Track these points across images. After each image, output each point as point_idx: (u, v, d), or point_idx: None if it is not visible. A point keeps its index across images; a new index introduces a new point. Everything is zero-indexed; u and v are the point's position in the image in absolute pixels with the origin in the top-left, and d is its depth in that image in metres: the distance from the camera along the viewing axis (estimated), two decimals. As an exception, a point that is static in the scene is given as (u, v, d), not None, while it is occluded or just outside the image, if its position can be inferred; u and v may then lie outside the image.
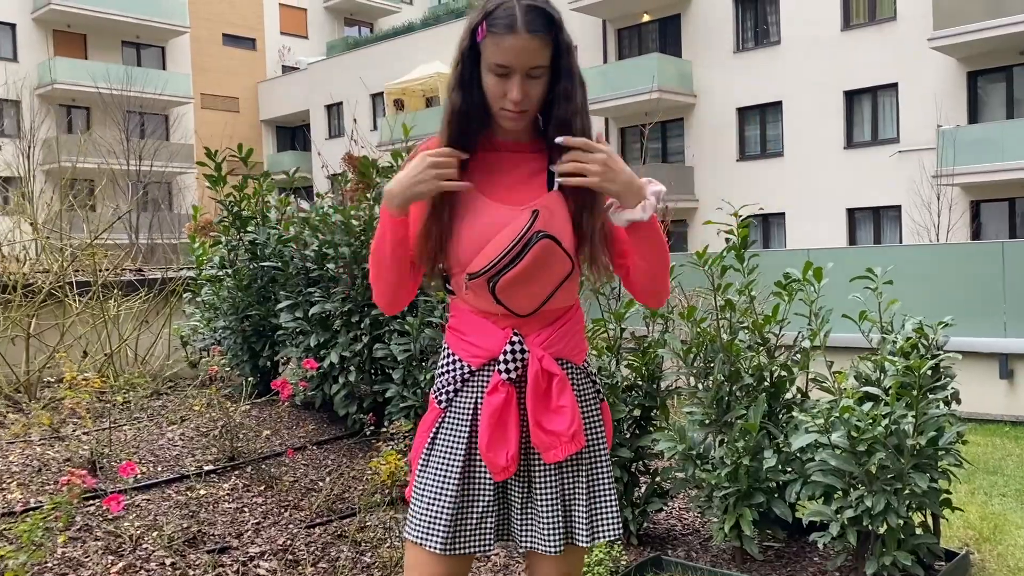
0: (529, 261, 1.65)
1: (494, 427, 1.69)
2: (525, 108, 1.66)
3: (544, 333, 1.74)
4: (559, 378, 1.70)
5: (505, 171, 1.76)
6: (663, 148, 23.83)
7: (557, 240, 1.67)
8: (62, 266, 5.23)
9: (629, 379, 3.61)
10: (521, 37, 1.60)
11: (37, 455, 3.74)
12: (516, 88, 1.62)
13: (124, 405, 4.76)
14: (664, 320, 3.65)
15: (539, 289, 1.69)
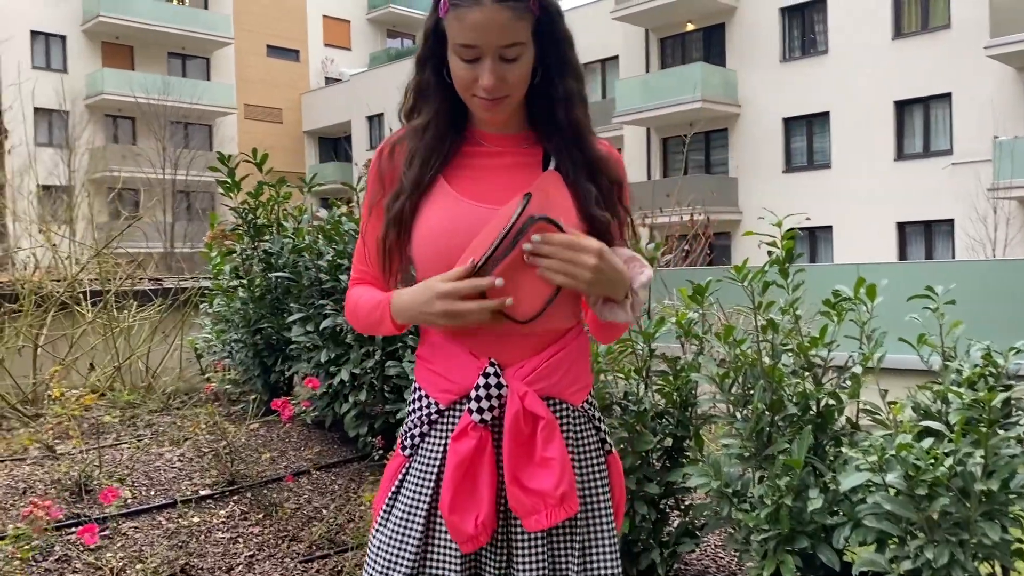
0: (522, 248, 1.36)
1: (460, 482, 1.36)
2: (500, 95, 1.38)
3: (530, 363, 1.41)
4: (545, 422, 1.37)
5: (488, 169, 1.47)
6: (706, 159, 23.38)
7: (557, 223, 1.37)
8: (72, 274, 5.05)
9: (659, 405, 3.28)
10: (487, 8, 1.32)
11: (25, 476, 3.53)
12: (487, 73, 1.35)
13: (130, 421, 4.55)
14: (699, 341, 3.32)
15: (539, 286, 1.39)
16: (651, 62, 24.11)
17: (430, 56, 1.44)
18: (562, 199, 1.43)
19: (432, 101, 1.45)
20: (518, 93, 1.41)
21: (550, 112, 1.46)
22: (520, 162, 1.48)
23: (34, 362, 4.84)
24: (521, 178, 1.45)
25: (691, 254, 12.31)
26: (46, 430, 3.71)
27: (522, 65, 1.38)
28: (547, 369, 1.42)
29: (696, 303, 3.31)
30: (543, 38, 1.41)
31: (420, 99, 1.47)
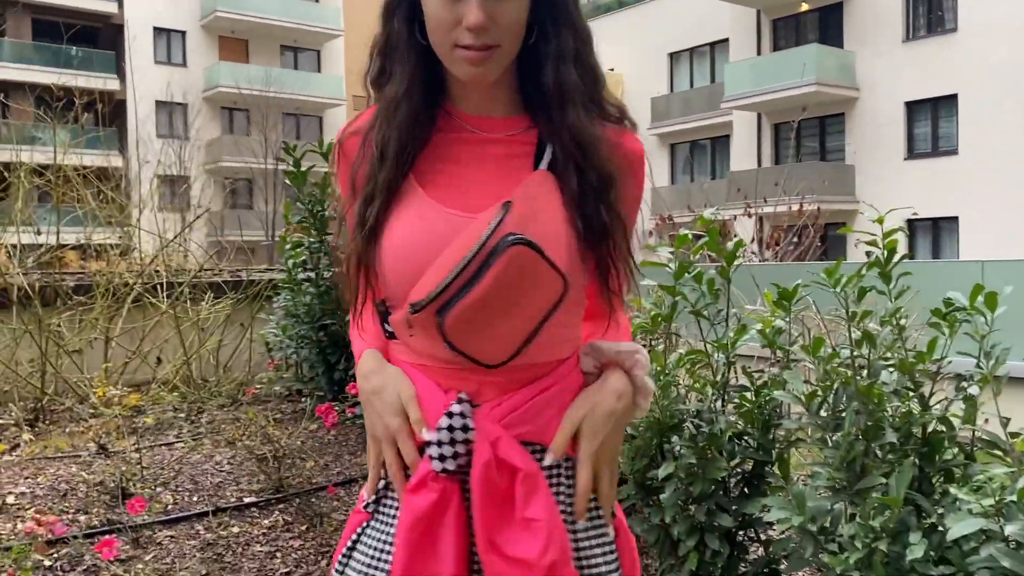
0: (493, 280, 1.05)
1: (416, 546, 1.09)
2: (490, 41, 1.07)
3: (510, 401, 1.12)
4: (524, 474, 1.08)
5: (469, 164, 1.16)
6: (821, 145, 22.25)
7: (537, 247, 1.06)
8: (144, 266, 5.01)
9: (737, 426, 2.90)
10: None
11: (70, 476, 3.44)
12: (474, 8, 1.04)
13: (196, 416, 4.46)
14: (784, 353, 2.91)
15: (513, 325, 1.08)
16: (763, 44, 23.09)
17: (399, 2, 1.15)
18: (549, 206, 1.11)
19: (404, 62, 1.15)
20: (509, 44, 1.10)
21: (541, 76, 1.14)
22: (509, 153, 1.17)
23: (105, 354, 4.82)
24: (510, 175, 1.15)
25: (800, 247, 11.61)
26: (101, 428, 3.63)
27: (516, 5, 1.08)
28: (532, 409, 1.13)
29: (782, 309, 2.90)
30: None
31: (388, 60, 1.17)
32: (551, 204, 1.11)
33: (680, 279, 2.88)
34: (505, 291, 1.06)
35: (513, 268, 1.05)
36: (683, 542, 2.83)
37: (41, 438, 4.14)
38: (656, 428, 2.87)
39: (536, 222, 1.08)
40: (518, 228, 1.06)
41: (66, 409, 4.48)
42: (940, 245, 19.98)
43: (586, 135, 1.13)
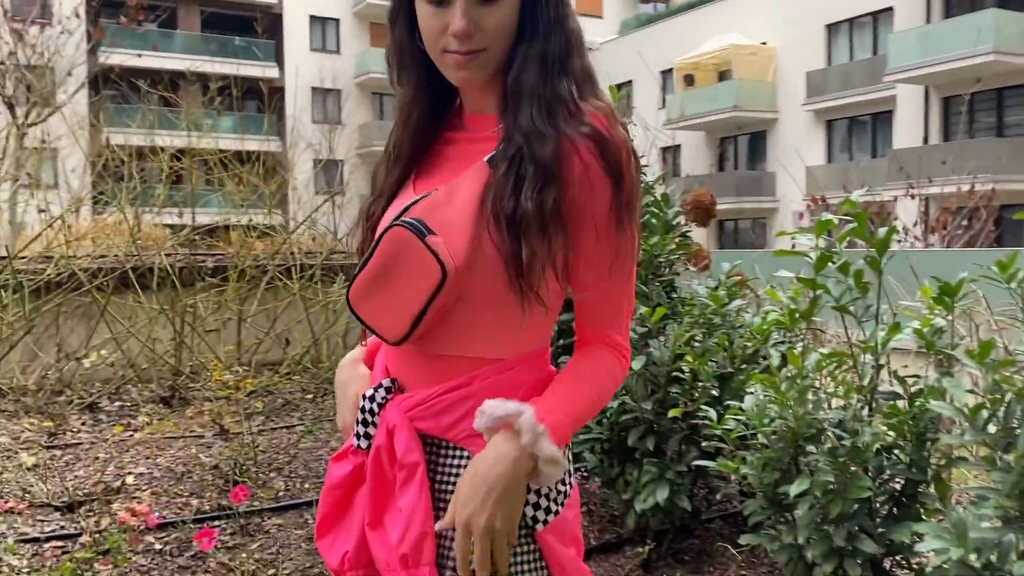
0: (377, 258, 1.15)
1: (330, 508, 1.24)
2: (475, 46, 1.13)
3: (421, 394, 1.18)
4: (400, 465, 1.15)
5: (459, 160, 1.21)
6: (998, 120, 20.40)
7: (419, 229, 1.11)
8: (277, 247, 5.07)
9: (886, 438, 2.54)
10: None
11: (189, 457, 3.48)
12: (458, 15, 1.11)
13: (319, 400, 4.47)
14: (945, 357, 2.52)
15: (399, 302, 1.14)
16: (932, 11, 21.37)
17: (399, 9, 1.21)
18: (465, 194, 1.14)
19: (410, 69, 1.23)
20: (495, 47, 1.15)
21: (522, 77, 1.16)
22: (486, 150, 1.19)
23: (238, 335, 4.92)
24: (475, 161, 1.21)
25: (970, 231, 10.62)
26: (223, 409, 3.66)
27: (501, 10, 1.13)
28: (438, 406, 1.17)
29: (943, 307, 2.51)
30: None
31: (398, 66, 1.24)
32: (467, 193, 1.13)
33: (822, 270, 2.55)
34: (387, 270, 1.13)
35: (390, 248, 1.12)
36: (819, 566, 2.51)
37: (174, 415, 4.25)
38: (790, 438, 2.56)
39: (445, 209, 1.13)
40: (422, 214, 1.12)
41: (199, 387, 4.59)
42: None
43: (531, 131, 1.13)
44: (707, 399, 3.16)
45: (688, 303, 3.43)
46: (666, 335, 3.24)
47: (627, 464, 3.20)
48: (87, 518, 2.84)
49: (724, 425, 2.76)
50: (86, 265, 4.85)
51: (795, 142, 24.74)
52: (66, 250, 4.85)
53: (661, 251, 3.42)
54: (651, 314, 3.14)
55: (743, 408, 2.69)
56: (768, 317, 3.04)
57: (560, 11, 1.18)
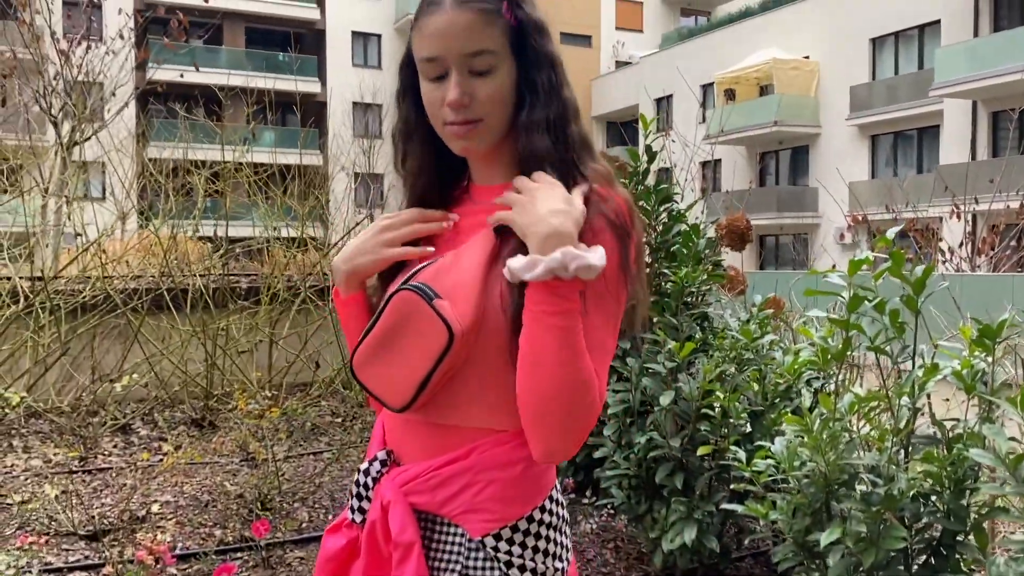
0: (383, 323, 1.14)
1: None
2: (471, 116, 1.15)
3: (415, 468, 1.15)
4: (395, 544, 1.12)
5: (465, 231, 1.22)
6: (1050, 136, 19.89)
7: (426, 293, 1.10)
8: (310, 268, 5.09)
9: (921, 484, 2.44)
10: (447, 11, 1.14)
11: (215, 485, 3.48)
12: (452, 87, 1.14)
13: (348, 425, 4.45)
14: (986, 404, 2.42)
15: (405, 367, 1.12)
16: (981, 25, 20.94)
17: (408, 88, 1.25)
18: (473, 260, 1.15)
19: (416, 143, 1.26)
20: (493, 117, 1.17)
21: (530, 141, 1.19)
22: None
23: (269, 357, 4.93)
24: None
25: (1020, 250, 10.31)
26: (251, 434, 3.66)
27: (495, 81, 1.15)
28: (435, 480, 1.14)
29: (984, 349, 2.41)
30: (522, 56, 1.18)
31: (406, 143, 1.28)
32: (474, 258, 1.14)
33: (856, 309, 2.47)
34: (393, 334, 1.12)
35: (397, 312, 1.12)
36: (852, 617, 2.42)
37: (204, 438, 4.27)
38: (821, 484, 2.48)
39: (451, 274, 1.13)
40: (429, 279, 1.13)
41: (231, 410, 4.61)
42: None
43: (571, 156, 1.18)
44: (737, 437, 3.08)
45: (720, 335, 3.36)
46: (696, 369, 3.17)
47: (655, 501, 3.13)
48: (111, 548, 2.85)
49: (754, 467, 2.68)
50: (122, 287, 4.91)
51: (838, 157, 24.37)
52: (102, 272, 4.92)
53: (692, 282, 3.35)
54: (680, 348, 3.07)
55: (773, 450, 2.61)
56: (800, 356, 2.95)
57: (556, 79, 1.20)
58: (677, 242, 3.49)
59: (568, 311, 1.05)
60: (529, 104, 1.18)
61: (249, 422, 3.32)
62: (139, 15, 9.97)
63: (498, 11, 1.14)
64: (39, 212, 6.97)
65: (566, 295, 1.05)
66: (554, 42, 1.21)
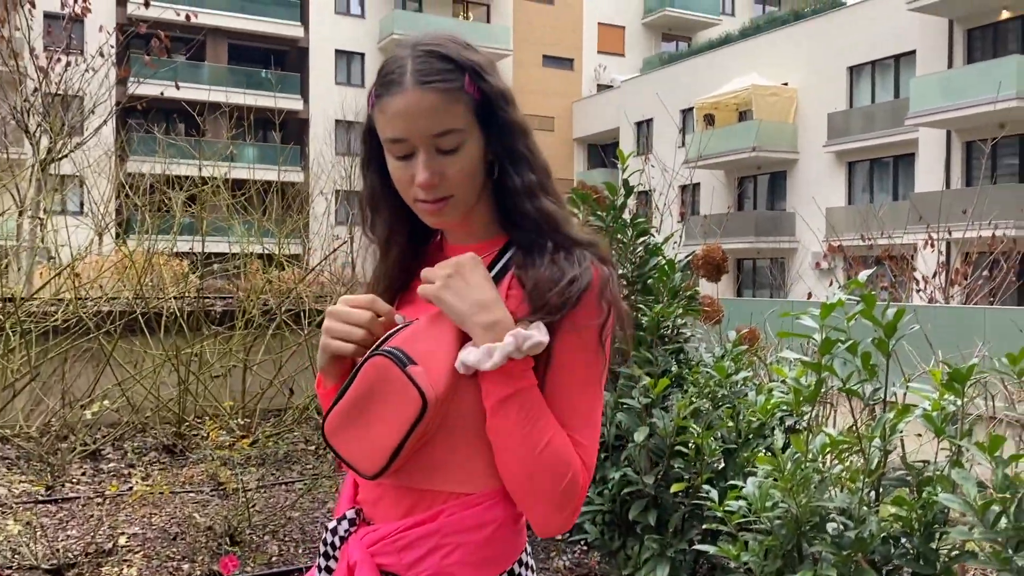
0: (355, 388, 1.12)
1: None
2: (442, 194, 1.15)
3: (383, 529, 1.14)
4: None
5: None
6: (1021, 165, 20.23)
7: (400, 359, 1.09)
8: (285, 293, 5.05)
9: (893, 527, 2.45)
10: (410, 94, 1.11)
11: (184, 516, 3.43)
12: (421, 168, 1.13)
13: (321, 453, 4.41)
14: (955, 447, 2.44)
15: (377, 434, 1.10)
16: (955, 56, 21.31)
17: (371, 158, 1.24)
18: (447, 331, 1.13)
19: (384, 211, 1.25)
20: (463, 192, 1.17)
21: (515, 205, 1.20)
22: None
23: (243, 382, 4.88)
24: None
25: (991, 281, 10.44)
26: (221, 465, 3.62)
27: (464, 157, 1.14)
28: (401, 542, 1.12)
29: (953, 392, 2.44)
30: (489, 126, 1.17)
31: (374, 212, 1.27)
32: (448, 324, 1.12)
33: (828, 352, 2.49)
34: (366, 400, 1.10)
35: (370, 378, 1.10)
36: (823, 660, 2.42)
37: (175, 465, 4.21)
38: (793, 526, 2.48)
39: (425, 338, 1.12)
40: (402, 343, 1.11)
41: (203, 438, 4.56)
42: None
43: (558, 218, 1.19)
44: (710, 474, 3.08)
45: (694, 370, 3.37)
46: (670, 404, 3.18)
47: (628, 538, 3.12)
48: (75, 582, 2.79)
49: (726, 507, 2.68)
50: (95, 309, 4.86)
51: (815, 183, 24.65)
52: (75, 294, 4.86)
53: (667, 317, 3.36)
54: (655, 384, 3.08)
55: (745, 491, 2.62)
56: (773, 396, 2.96)
57: (528, 146, 1.20)
58: (653, 276, 3.51)
59: (523, 388, 1.08)
60: (504, 172, 1.18)
61: (220, 453, 3.28)
62: (120, 31, 9.94)
63: (461, 87, 1.12)
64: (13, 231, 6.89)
65: (519, 374, 1.08)
66: (519, 109, 1.20)
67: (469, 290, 1.10)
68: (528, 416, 1.07)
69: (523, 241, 1.19)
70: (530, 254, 1.17)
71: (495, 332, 1.08)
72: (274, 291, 5.64)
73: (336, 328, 1.16)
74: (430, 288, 1.13)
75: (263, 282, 5.67)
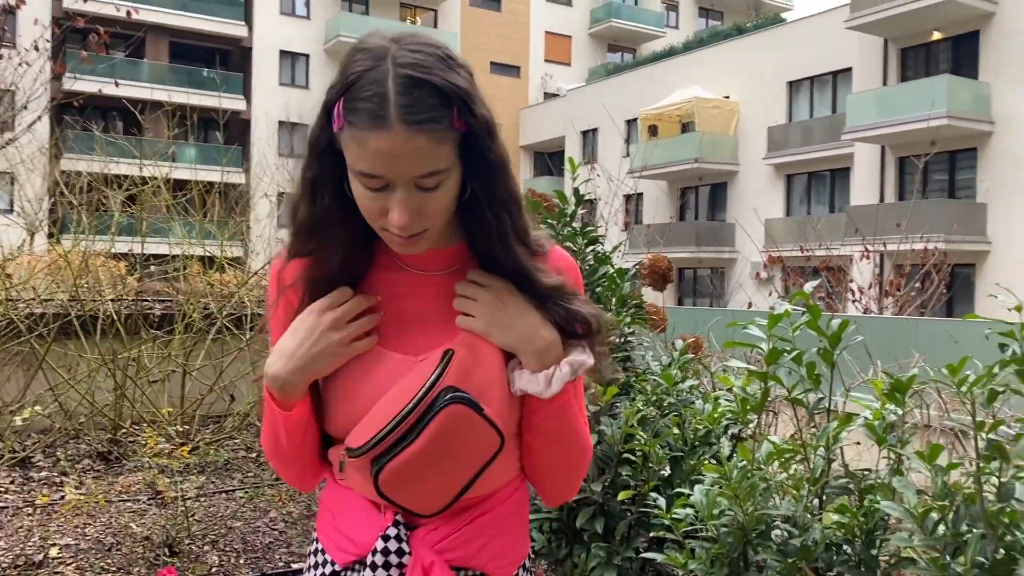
0: (430, 439, 1.07)
1: None
2: (417, 230, 1.08)
3: (445, 526, 1.14)
4: None
5: (407, 298, 1.17)
6: (950, 181, 20.94)
7: (475, 404, 1.07)
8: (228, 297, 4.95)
9: (834, 534, 2.50)
10: (396, 134, 1.00)
11: (120, 526, 3.33)
12: (399, 208, 1.05)
13: (263, 460, 4.32)
14: (896, 455, 2.50)
15: (448, 479, 1.11)
16: (889, 74, 21.98)
17: (327, 178, 1.10)
18: (490, 351, 1.13)
19: (333, 230, 1.12)
20: (438, 224, 1.11)
21: (487, 246, 1.16)
22: (449, 291, 1.17)
23: (182, 387, 4.77)
24: (452, 315, 1.16)
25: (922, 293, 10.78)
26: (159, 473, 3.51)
27: (443, 194, 1.08)
28: (466, 534, 1.15)
29: (895, 402, 2.49)
30: (471, 161, 1.10)
31: (314, 236, 1.13)
32: (493, 352, 1.12)
33: (775, 362, 2.53)
34: (440, 449, 1.07)
35: (448, 428, 1.06)
36: (768, 666, 2.45)
37: (111, 473, 4.08)
38: (739, 534, 2.51)
39: (477, 370, 1.09)
40: (457, 380, 1.08)
41: (139, 444, 4.42)
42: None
43: (527, 267, 1.15)
44: (657, 481, 3.10)
45: (641, 377, 3.39)
46: (618, 411, 3.19)
47: (575, 546, 3.12)
48: (3, 596, 2.68)
49: (673, 515, 2.70)
50: (27, 311, 4.69)
51: (755, 195, 25.16)
52: (5, 296, 4.68)
53: (616, 325, 3.38)
54: (603, 392, 3.09)
55: (692, 498, 2.64)
56: (720, 405, 3.00)
57: (509, 181, 1.15)
58: (602, 284, 3.52)
59: (568, 402, 1.15)
60: (477, 207, 1.12)
61: (158, 461, 3.19)
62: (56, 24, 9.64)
63: (449, 125, 1.03)
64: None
65: (567, 388, 1.14)
66: (501, 141, 1.13)
67: (514, 321, 1.11)
68: (571, 418, 1.16)
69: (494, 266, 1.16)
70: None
71: (548, 357, 1.12)
72: (215, 295, 5.51)
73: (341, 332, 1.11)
74: (476, 324, 1.12)
75: (204, 285, 5.54)
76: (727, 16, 37.67)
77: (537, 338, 1.11)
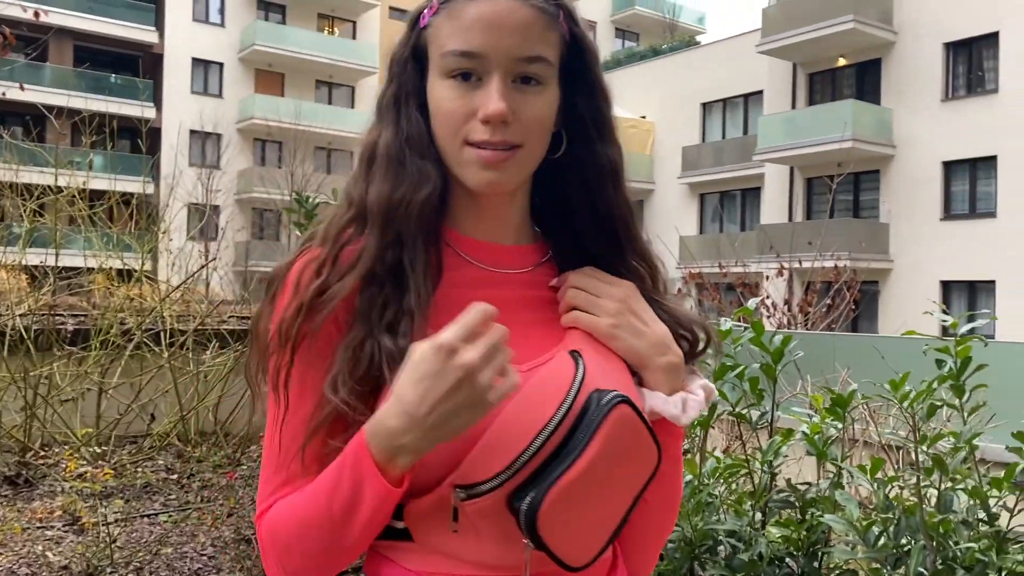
0: (599, 450, 0.83)
1: None
2: (512, 139, 0.87)
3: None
4: None
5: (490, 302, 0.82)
6: (855, 202, 21.86)
7: (637, 407, 0.87)
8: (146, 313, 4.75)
9: (778, 548, 2.54)
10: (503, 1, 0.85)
11: (36, 555, 3.14)
12: (495, 95, 0.85)
13: (185, 482, 4.15)
14: (836, 469, 2.55)
15: (607, 511, 0.87)
16: (798, 98, 22.83)
17: (410, 92, 0.92)
18: (611, 356, 0.94)
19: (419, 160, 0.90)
20: (534, 146, 0.90)
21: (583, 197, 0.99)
22: (526, 296, 0.96)
23: (98, 407, 4.54)
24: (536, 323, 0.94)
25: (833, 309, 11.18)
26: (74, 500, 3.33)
27: (544, 100, 0.90)
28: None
29: (836, 417, 2.55)
30: (574, 82, 0.94)
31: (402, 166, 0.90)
32: (618, 363, 0.93)
33: (722, 378, 2.56)
34: (603, 467, 0.83)
35: (617, 435, 0.84)
36: None
37: (20, 498, 3.85)
38: (686, 550, 2.53)
39: (608, 379, 0.89)
40: (604, 380, 0.88)
41: (51, 465, 4.19)
42: (977, 308, 19.41)
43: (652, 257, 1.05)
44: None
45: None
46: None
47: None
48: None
49: (619, 530, 2.70)
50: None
51: (671, 213, 25.73)
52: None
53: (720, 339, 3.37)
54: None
55: (639, 514, 2.65)
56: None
57: (611, 111, 0.99)
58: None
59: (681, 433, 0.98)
60: (583, 148, 0.95)
61: (77, 485, 3.02)
62: (-47, 25, 9.14)
63: (557, 17, 0.90)
64: None
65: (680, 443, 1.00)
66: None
67: (645, 328, 0.92)
68: (680, 458, 1.01)
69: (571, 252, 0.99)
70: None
71: (677, 376, 0.93)
72: (132, 309, 5.29)
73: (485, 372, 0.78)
74: (599, 324, 0.91)
75: (122, 299, 5.31)
76: (643, 38, 38.48)
77: (670, 352, 0.93)
